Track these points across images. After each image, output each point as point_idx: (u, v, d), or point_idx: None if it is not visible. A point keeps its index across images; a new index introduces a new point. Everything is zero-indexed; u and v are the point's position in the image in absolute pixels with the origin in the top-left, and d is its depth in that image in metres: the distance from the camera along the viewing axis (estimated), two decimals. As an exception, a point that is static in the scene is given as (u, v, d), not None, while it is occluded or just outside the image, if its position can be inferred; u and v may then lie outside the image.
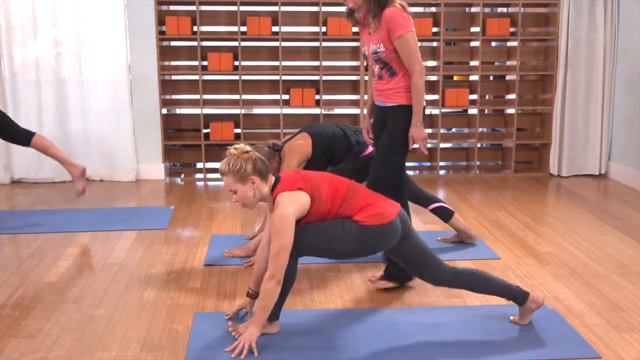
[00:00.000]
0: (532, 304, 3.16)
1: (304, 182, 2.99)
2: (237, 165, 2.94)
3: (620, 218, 5.03)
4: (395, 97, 3.56)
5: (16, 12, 6.00)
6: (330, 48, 6.49)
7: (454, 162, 6.98)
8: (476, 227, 4.79)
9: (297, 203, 2.91)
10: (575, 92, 6.40)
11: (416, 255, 3.14)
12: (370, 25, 3.53)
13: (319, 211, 2.99)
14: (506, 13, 6.66)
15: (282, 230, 2.85)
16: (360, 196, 3.06)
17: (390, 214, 3.04)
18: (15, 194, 5.90)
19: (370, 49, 3.54)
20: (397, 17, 3.44)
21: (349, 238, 2.99)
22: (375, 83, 3.65)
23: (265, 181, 3.00)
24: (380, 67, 3.56)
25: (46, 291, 3.65)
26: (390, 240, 3.05)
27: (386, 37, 3.46)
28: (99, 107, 6.20)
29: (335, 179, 3.10)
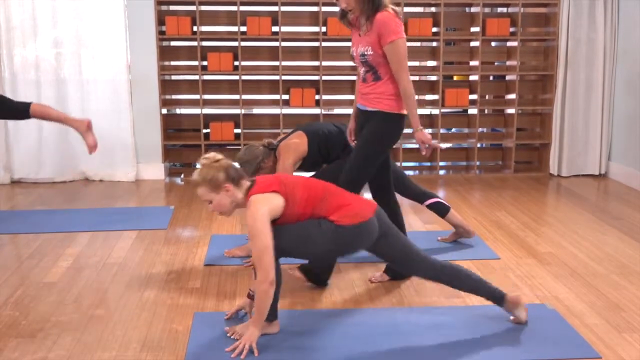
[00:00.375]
0: (509, 304, 3.16)
1: (277, 185, 2.97)
2: (209, 174, 2.95)
3: (620, 218, 5.03)
4: (376, 103, 3.55)
5: (16, 12, 6.00)
6: (330, 48, 6.49)
7: (454, 162, 6.98)
8: (476, 227, 4.79)
9: (269, 204, 2.90)
10: (575, 92, 6.40)
11: (398, 252, 3.13)
12: (362, 27, 3.53)
13: (293, 213, 2.97)
14: (506, 13, 6.66)
15: (258, 231, 2.84)
16: (336, 197, 3.05)
17: (366, 213, 3.02)
18: (15, 194, 5.90)
19: (358, 50, 3.53)
20: (389, 22, 3.42)
21: (325, 238, 2.97)
22: (360, 85, 3.64)
23: (239, 187, 2.99)
24: (366, 70, 3.55)
25: (46, 291, 3.65)
26: (367, 239, 3.04)
27: (376, 41, 3.44)
28: (99, 107, 6.19)
29: (311, 182, 3.10)
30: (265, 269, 2.84)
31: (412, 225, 4.77)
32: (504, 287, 3.65)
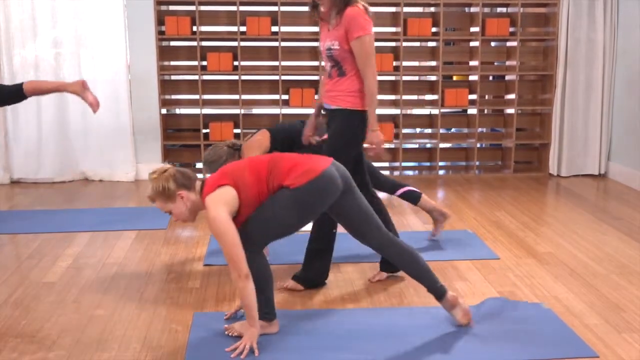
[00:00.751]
0: (447, 303, 3.15)
1: (225, 178, 2.97)
2: (160, 186, 2.96)
3: (620, 218, 5.03)
4: (339, 101, 3.52)
5: (15, 12, 6.00)
6: (330, 48, 6.48)
7: (454, 162, 6.98)
8: (475, 227, 4.79)
9: (223, 200, 2.90)
10: (574, 92, 6.40)
11: (357, 214, 3.11)
12: (331, 21, 3.50)
13: (250, 196, 2.96)
14: (506, 13, 6.66)
15: (220, 232, 2.85)
16: (285, 161, 3.02)
17: (318, 167, 2.98)
18: (14, 194, 5.90)
19: (325, 45, 3.51)
20: (358, 18, 3.41)
21: (287, 208, 2.96)
22: (325, 81, 3.62)
23: (192, 191, 2.99)
24: (332, 65, 3.52)
25: (46, 291, 3.65)
26: (329, 193, 2.99)
27: (343, 35, 3.42)
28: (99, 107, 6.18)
29: (254, 160, 3.08)
30: (237, 265, 2.84)
31: (411, 225, 4.77)
32: (503, 287, 3.67)
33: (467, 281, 3.79)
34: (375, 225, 3.15)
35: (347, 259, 4.13)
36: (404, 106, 6.62)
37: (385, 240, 3.17)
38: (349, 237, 4.55)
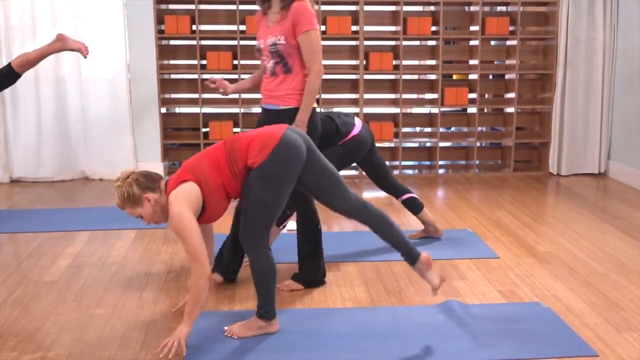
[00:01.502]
0: (421, 265, 3.16)
1: (185, 173, 2.96)
2: (125, 193, 2.94)
3: (620, 217, 5.03)
4: (288, 100, 3.47)
5: (15, 11, 6.00)
6: (330, 47, 6.49)
7: (454, 161, 6.98)
8: (476, 226, 4.79)
9: (184, 196, 2.88)
10: (574, 91, 6.39)
11: (326, 178, 3.08)
12: (271, 16, 3.47)
13: (214, 187, 2.94)
14: (505, 12, 6.66)
15: (183, 230, 2.82)
16: (241, 140, 2.98)
17: (276, 135, 2.94)
18: (14, 193, 5.90)
19: (267, 41, 3.44)
20: (305, 12, 3.39)
21: (260, 189, 2.92)
22: (267, 81, 3.53)
23: (158, 192, 2.98)
24: (276, 61, 3.45)
25: (45, 290, 3.65)
26: (295, 157, 2.93)
27: (290, 30, 3.39)
28: (98, 106, 6.20)
29: (211, 149, 3.03)
30: (202, 264, 2.81)
31: (412, 224, 4.77)
32: (503, 286, 3.67)
33: (467, 280, 3.78)
34: (343, 188, 3.12)
35: (347, 258, 4.13)
36: (404, 105, 6.61)
37: (353, 205, 3.13)
38: (348, 236, 4.58)
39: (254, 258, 3.00)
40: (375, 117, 6.65)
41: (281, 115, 3.42)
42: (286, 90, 3.46)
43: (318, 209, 3.58)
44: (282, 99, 3.47)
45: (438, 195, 5.83)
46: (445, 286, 3.68)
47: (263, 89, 3.57)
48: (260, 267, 3.00)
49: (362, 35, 6.34)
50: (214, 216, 3.06)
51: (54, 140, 6.23)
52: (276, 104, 3.49)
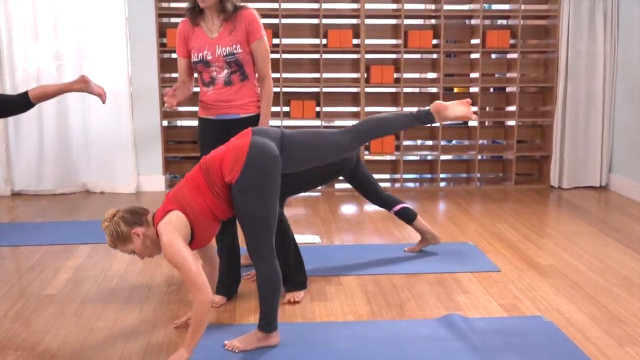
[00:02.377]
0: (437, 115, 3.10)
1: (169, 203, 2.97)
2: (114, 233, 2.95)
3: (622, 230, 5.03)
4: (249, 107, 3.49)
5: (18, 25, 6.03)
6: (331, 60, 6.51)
7: (455, 174, 6.98)
8: (477, 239, 4.79)
9: (171, 225, 2.88)
10: (575, 104, 6.40)
11: (308, 147, 3.07)
12: (210, 26, 3.42)
13: (199, 212, 2.93)
14: (506, 25, 6.68)
15: (178, 260, 2.82)
16: (213, 159, 2.98)
17: (243, 146, 2.92)
18: (15, 205, 5.90)
19: (220, 51, 3.39)
20: (256, 19, 3.42)
21: (246, 203, 2.90)
22: (219, 92, 3.47)
23: (145, 225, 2.97)
24: (232, 70, 3.43)
25: (46, 304, 3.64)
26: (269, 160, 2.91)
27: (244, 38, 3.39)
28: (100, 119, 6.21)
29: (189, 175, 3.03)
30: (202, 291, 2.81)
31: (412, 237, 4.76)
32: (505, 299, 3.66)
33: (469, 294, 3.77)
34: (328, 138, 3.08)
35: (348, 271, 4.13)
36: (405, 118, 6.61)
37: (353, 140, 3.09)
38: (349, 249, 4.58)
39: (261, 269, 3.00)
40: (376, 130, 6.64)
41: (244, 124, 3.38)
42: (246, 98, 3.47)
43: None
44: (243, 107, 3.48)
45: (439, 209, 5.82)
46: (447, 300, 3.68)
47: (215, 100, 3.49)
48: (265, 278, 3.00)
49: (363, 49, 6.36)
50: (203, 241, 3.06)
51: (56, 153, 6.24)
52: (237, 113, 3.48)
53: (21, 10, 6.00)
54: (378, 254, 4.46)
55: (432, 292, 3.80)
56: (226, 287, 3.64)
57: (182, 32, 3.50)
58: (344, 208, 5.82)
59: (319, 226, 5.17)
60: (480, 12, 6.33)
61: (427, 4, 6.63)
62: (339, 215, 5.54)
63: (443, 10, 6.33)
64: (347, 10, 6.47)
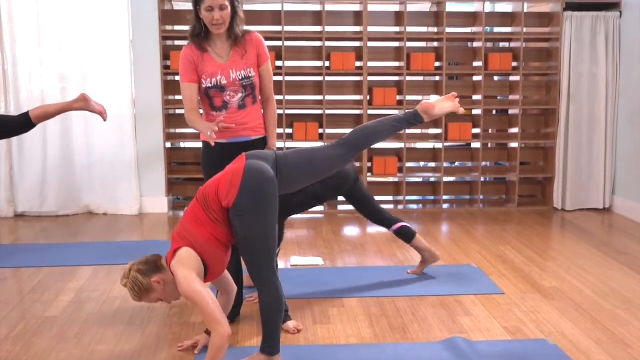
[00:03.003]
0: (425, 115, 3.18)
1: (175, 242, 2.99)
2: (135, 287, 2.95)
3: (626, 253, 5.00)
4: (260, 129, 3.51)
5: (22, 47, 6.07)
6: (334, 82, 6.54)
7: (458, 196, 6.97)
8: (480, 262, 4.77)
9: (183, 263, 2.90)
10: (578, 126, 6.41)
11: (303, 165, 3.10)
12: (218, 51, 3.39)
13: (205, 243, 2.95)
14: (508, 48, 6.71)
15: (193, 295, 2.83)
16: (209, 187, 3.01)
17: (238, 170, 2.95)
18: (18, 227, 5.90)
19: (235, 75, 3.37)
20: (264, 43, 3.46)
21: (243, 227, 2.92)
22: (232, 116, 3.41)
23: (162, 271, 2.97)
24: (247, 94, 3.42)
25: (47, 326, 3.63)
26: (263, 182, 2.93)
27: (255, 61, 3.42)
28: (103, 140, 6.23)
29: (188, 209, 3.06)
30: (221, 324, 2.81)
31: (415, 259, 4.75)
32: (509, 322, 3.64)
33: (472, 316, 3.75)
34: (327, 154, 3.14)
35: (350, 293, 4.11)
36: (408, 140, 6.63)
37: (346, 153, 3.14)
38: (351, 271, 4.56)
39: (263, 292, 3.00)
40: (379, 151, 6.66)
41: (254, 146, 3.41)
42: (256, 120, 3.49)
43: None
44: (255, 129, 3.49)
45: (442, 230, 5.81)
46: (450, 322, 3.66)
47: (229, 123, 3.36)
48: (268, 301, 2.99)
49: (366, 71, 6.39)
50: (217, 270, 3.07)
51: (59, 175, 6.25)
52: (249, 136, 3.47)
53: (26, 32, 6.05)
54: (381, 276, 4.44)
55: (436, 314, 3.78)
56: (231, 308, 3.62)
57: (190, 57, 3.40)
58: (347, 230, 5.81)
59: (322, 248, 5.16)
60: (483, 35, 6.36)
61: (429, 27, 6.67)
62: (341, 237, 5.53)
63: (445, 33, 6.36)
64: (350, 33, 6.51)
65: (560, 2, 6.29)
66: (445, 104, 3.21)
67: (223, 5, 3.28)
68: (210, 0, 3.26)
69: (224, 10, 3.29)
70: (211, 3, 3.26)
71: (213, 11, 3.27)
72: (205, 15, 3.30)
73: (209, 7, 3.27)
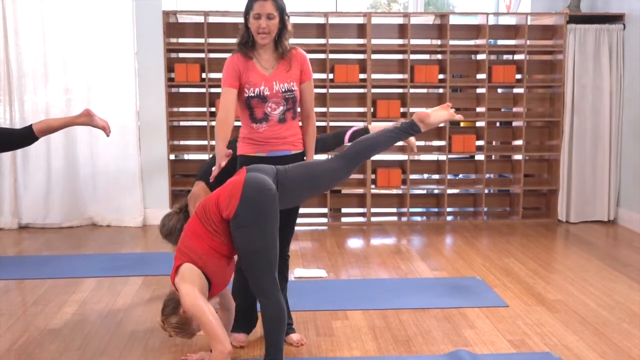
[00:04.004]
0: (421, 124, 3.19)
1: (176, 259, 3.00)
2: (178, 329, 2.98)
3: (630, 265, 4.98)
4: (299, 144, 3.47)
5: (28, 59, 6.10)
6: (338, 95, 6.55)
7: (462, 208, 6.96)
8: (484, 274, 4.75)
9: (185, 279, 2.91)
10: (582, 138, 6.40)
11: (305, 179, 3.11)
12: (262, 62, 3.34)
13: (204, 253, 2.94)
14: (512, 60, 6.72)
15: (194, 311, 2.84)
16: (209, 200, 3.01)
17: (238, 182, 2.96)
18: (22, 239, 5.91)
19: (278, 87, 3.33)
20: (308, 61, 3.45)
21: (244, 238, 2.92)
22: (273, 129, 3.37)
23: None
24: (288, 108, 3.38)
25: (50, 338, 3.62)
26: (263, 193, 2.94)
27: (298, 77, 3.39)
28: (108, 152, 6.24)
29: (187, 225, 3.07)
30: (220, 341, 2.82)
31: (419, 271, 4.74)
32: (513, 335, 3.62)
33: (476, 329, 3.74)
34: (327, 168, 3.16)
35: (354, 305, 4.10)
36: (411, 152, 6.63)
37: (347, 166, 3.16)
38: (355, 283, 4.55)
39: (264, 304, 3.00)
40: (383, 163, 6.66)
41: (294, 160, 3.38)
42: (296, 135, 3.46)
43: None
44: (294, 144, 3.45)
45: (446, 243, 5.80)
46: (454, 335, 3.64)
47: (268, 137, 3.37)
48: (270, 313, 2.99)
49: (370, 83, 6.40)
50: (222, 282, 3.06)
51: (63, 187, 6.26)
52: (288, 150, 3.43)
53: (31, 44, 6.08)
54: (385, 289, 4.43)
55: (440, 327, 3.77)
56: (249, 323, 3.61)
57: (235, 64, 3.33)
58: (351, 242, 5.80)
59: (325, 260, 5.15)
60: (486, 47, 6.37)
61: (433, 40, 6.69)
62: (345, 249, 5.52)
63: (449, 45, 6.37)
64: (354, 46, 6.53)
65: (563, 15, 6.30)
66: (440, 113, 3.23)
67: (271, 14, 3.25)
68: (258, 7, 3.24)
69: (272, 20, 3.26)
70: (259, 10, 3.24)
71: (260, 19, 3.24)
72: (252, 23, 3.26)
73: (256, 15, 3.24)
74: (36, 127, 4.35)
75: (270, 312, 2.98)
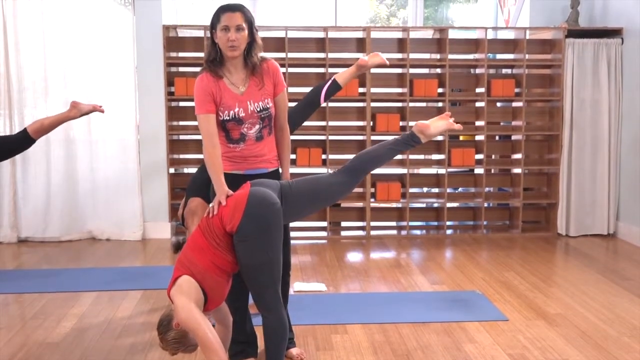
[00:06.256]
0: (421, 134, 3.20)
1: (175, 271, 2.98)
2: (176, 344, 2.92)
3: (630, 279, 4.98)
4: (275, 161, 3.40)
5: (28, 73, 6.12)
6: (337, 108, 6.56)
7: (461, 222, 6.96)
8: (484, 288, 4.74)
9: (181, 291, 2.88)
10: (581, 152, 6.41)
11: (309, 193, 3.12)
12: (234, 81, 3.22)
13: (204, 267, 2.92)
14: (511, 74, 6.74)
15: (190, 324, 2.81)
16: (212, 217, 3.00)
17: (242, 196, 2.94)
18: (21, 252, 5.90)
19: (252, 107, 3.21)
20: (280, 71, 3.34)
21: (247, 252, 2.90)
22: (250, 148, 3.28)
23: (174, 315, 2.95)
24: (264, 125, 3.28)
25: (49, 352, 3.61)
26: (267, 207, 2.91)
27: (272, 91, 3.29)
28: (107, 166, 6.25)
29: (190, 238, 3.06)
30: (217, 355, 2.79)
31: (419, 285, 4.73)
32: (513, 349, 3.61)
33: (476, 343, 3.73)
34: (332, 182, 3.18)
35: (354, 319, 4.09)
36: (411, 166, 6.64)
37: (348, 179, 3.20)
38: (355, 297, 4.54)
39: (267, 318, 2.99)
40: (382, 177, 6.67)
41: (271, 177, 3.27)
42: (272, 151, 3.37)
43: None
44: (271, 161, 3.37)
45: (446, 256, 5.79)
46: (454, 349, 3.63)
47: (246, 155, 3.28)
48: (272, 328, 2.98)
49: (369, 97, 6.42)
50: (217, 298, 3.02)
51: (62, 200, 6.26)
52: (266, 167, 3.35)
53: (32, 58, 6.10)
54: (384, 303, 4.42)
55: (440, 341, 3.76)
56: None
57: (207, 87, 3.17)
58: (350, 256, 5.80)
59: (325, 274, 5.14)
60: (485, 61, 6.40)
61: (432, 54, 6.71)
62: (345, 263, 5.51)
63: (448, 59, 6.40)
64: (353, 60, 6.52)
65: (562, 29, 6.33)
66: (439, 123, 3.23)
67: (240, 26, 3.12)
68: (226, 19, 3.11)
69: (240, 32, 3.13)
70: (227, 22, 3.11)
71: (229, 31, 3.11)
72: (220, 36, 3.13)
73: (224, 27, 3.11)
74: (30, 128, 4.37)
75: (272, 326, 2.97)
